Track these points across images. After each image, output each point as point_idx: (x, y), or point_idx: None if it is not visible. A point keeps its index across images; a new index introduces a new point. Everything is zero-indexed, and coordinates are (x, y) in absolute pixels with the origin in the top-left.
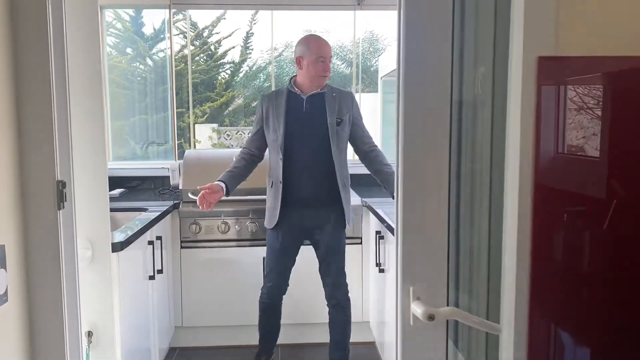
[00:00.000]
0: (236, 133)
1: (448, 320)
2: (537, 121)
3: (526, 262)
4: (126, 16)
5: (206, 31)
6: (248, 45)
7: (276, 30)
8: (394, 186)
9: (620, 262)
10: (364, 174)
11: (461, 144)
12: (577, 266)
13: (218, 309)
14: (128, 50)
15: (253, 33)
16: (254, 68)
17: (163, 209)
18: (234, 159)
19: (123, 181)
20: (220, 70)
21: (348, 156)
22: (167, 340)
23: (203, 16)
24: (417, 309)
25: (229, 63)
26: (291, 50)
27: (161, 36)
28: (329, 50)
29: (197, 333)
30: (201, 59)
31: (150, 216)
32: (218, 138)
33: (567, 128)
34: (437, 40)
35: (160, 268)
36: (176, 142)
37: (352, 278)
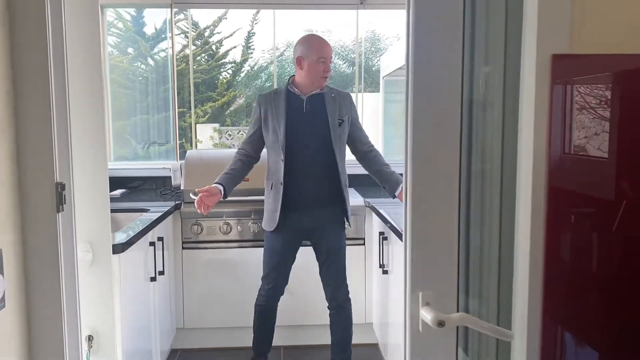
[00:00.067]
0: (237, 133)
1: (458, 326)
2: (551, 121)
3: (539, 266)
4: (127, 16)
5: (207, 31)
6: (249, 45)
7: (278, 29)
8: (394, 186)
9: (638, 267)
10: (366, 174)
11: (471, 146)
12: (593, 270)
13: (220, 311)
14: (129, 50)
15: (254, 33)
16: (256, 68)
17: (164, 210)
18: (231, 161)
19: (124, 181)
20: (221, 70)
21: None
22: (169, 342)
23: (204, 16)
24: (427, 315)
25: (231, 63)
26: (293, 50)
27: (162, 36)
28: (330, 50)
29: (199, 335)
30: (202, 59)
31: (151, 217)
32: (219, 138)
33: (582, 128)
34: (447, 37)
35: (161, 269)
36: (177, 142)
37: (355, 279)
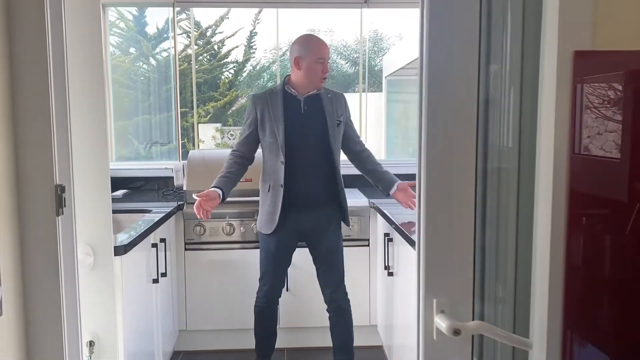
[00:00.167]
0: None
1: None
2: (573, 120)
3: (560, 271)
4: (129, 15)
5: (209, 30)
6: (252, 44)
7: (280, 29)
8: (389, 185)
9: None
10: None
11: (487, 146)
12: (618, 276)
13: (223, 312)
14: (131, 49)
15: (257, 32)
16: (258, 67)
17: (167, 211)
18: (226, 163)
19: (126, 182)
20: (223, 69)
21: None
22: (171, 344)
23: (206, 15)
24: (442, 323)
25: (233, 62)
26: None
27: (164, 35)
28: (328, 51)
29: (202, 337)
30: (204, 59)
31: (154, 218)
32: (221, 138)
33: (606, 128)
34: (463, 35)
35: (164, 271)
36: (180, 142)
37: (359, 281)
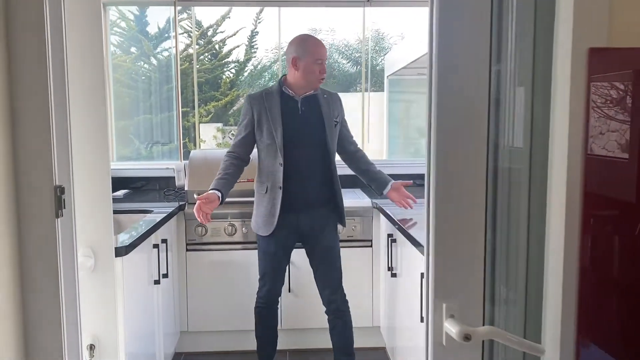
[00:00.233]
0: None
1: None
2: (587, 120)
3: (574, 275)
4: (130, 15)
5: (210, 30)
6: (253, 44)
7: (282, 28)
8: (383, 184)
9: None
10: None
11: (498, 147)
12: (633, 280)
13: (224, 313)
14: (132, 49)
15: (258, 32)
16: (259, 67)
17: (168, 211)
18: (222, 164)
19: (127, 182)
20: (224, 69)
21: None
22: (173, 345)
23: (207, 15)
24: (452, 328)
25: (234, 62)
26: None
27: (165, 35)
28: (326, 51)
29: (203, 338)
30: (205, 58)
31: (155, 218)
32: (223, 137)
33: (622, 127)
34: (473, 31)
35: (165, 272)
36: (181, 142)
37: (362, 282)
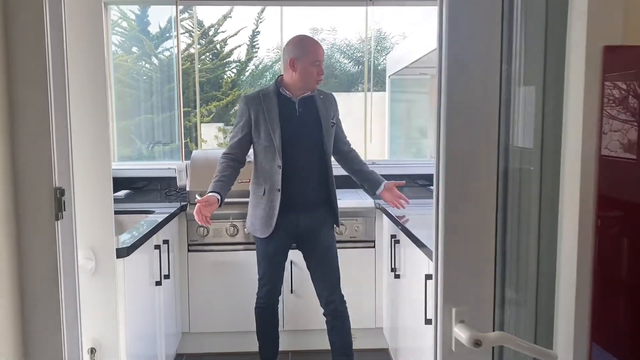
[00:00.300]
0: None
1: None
2: (601, 120)
3: (587, 279)
4: (132, 15)
5: (212, 30)
6: (254, 44)
7: (283, 28)
8: (376, 184)
9: None
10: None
11: (509, 148)
12: None
13: (226, 315)
14: (134, 49)
15: (259, 32)
16: (260, 67)
17: (170, 212)
18: (219, 166)
19: (128, 182)
20: (226, 69)
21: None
22: (174, 346)
23: (209, 14)
24: (461, 334)
25: (235, 62)
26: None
27: (167, 35)
28: (323, 53)
29: (205, 339)
30: (207, 58)
31: (156, 219)
32: (224, 137)
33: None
34: (484, 29)
35: (167, 273)
36: (183, 142)
37: (365, 283)
